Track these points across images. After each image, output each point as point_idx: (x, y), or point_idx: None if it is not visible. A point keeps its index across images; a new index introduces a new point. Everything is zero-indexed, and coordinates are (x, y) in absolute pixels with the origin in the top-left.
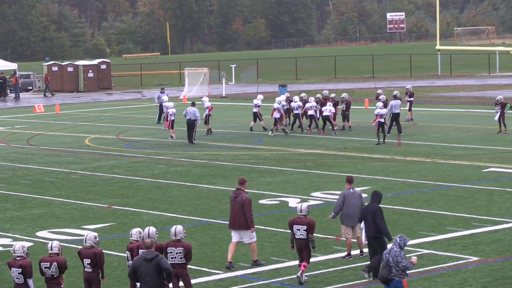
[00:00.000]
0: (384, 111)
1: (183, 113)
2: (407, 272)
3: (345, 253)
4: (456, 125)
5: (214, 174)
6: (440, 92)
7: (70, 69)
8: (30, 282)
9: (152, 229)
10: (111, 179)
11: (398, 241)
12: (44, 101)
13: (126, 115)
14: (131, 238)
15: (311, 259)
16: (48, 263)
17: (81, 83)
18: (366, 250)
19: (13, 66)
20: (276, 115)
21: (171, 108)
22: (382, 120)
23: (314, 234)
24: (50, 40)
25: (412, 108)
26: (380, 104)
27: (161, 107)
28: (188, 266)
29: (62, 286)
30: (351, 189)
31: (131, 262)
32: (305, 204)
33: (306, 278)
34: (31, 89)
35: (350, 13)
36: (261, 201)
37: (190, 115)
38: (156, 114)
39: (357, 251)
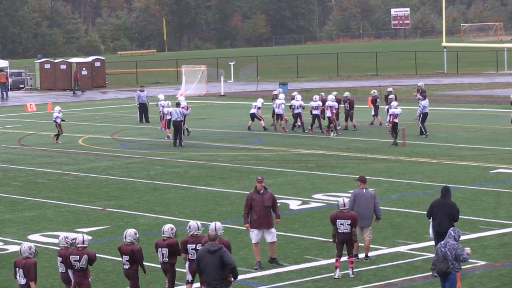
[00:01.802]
0: (398, 110)
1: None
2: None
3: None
4: (463, 125)
5: (212, 175)
6: (446, 90)
7: (63, 66)
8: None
9: (219, 224)
10: (106, 181)
11: (453, 233)
12: (36, 99)
13: (121, 114)
14: (163, 235)
15: (314, 263)
16: (78, 256)
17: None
18: (370, 254)
19: (4, 63)
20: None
21: (167, 107)
22: (396, 120)
23: (316, 238)
24: (43, 37)
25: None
26: (394, 103)
27: (141, 106)
28: (182, 270)
29: (89, 279)
30: (364, 189)
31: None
32: (346, 199)
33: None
34: (22, 87)
35: (353, 8)
36: None
37: (176, 116)
38: (136, 113)
39: (363, 254)
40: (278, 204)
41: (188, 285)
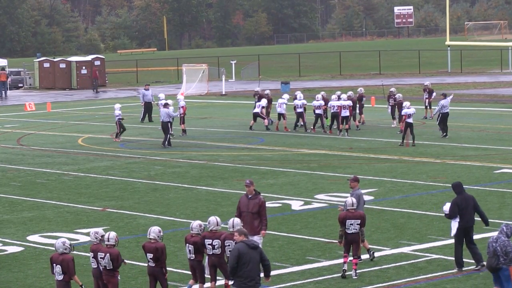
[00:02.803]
0: (412, 110)
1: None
2: None
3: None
4: (466, 124)
5: (213, 175)
6: (450, 89)
7: (62, 65)
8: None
9: (237, 220)
10: (106, 181)
11: (505, 229)
12: (35, 99)
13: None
14: (192, 232)
15: (316, 265)
16: (103, 254)
17: (74, 80)
18: (378, 253)
19: (3, 62)
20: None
21: (171, 106)
22: (410, 120)
23: (318, 239)
24: (42, 35)
25: (432, 106)
26: (407, 103)
27: (146, 105)
28: (182, 271)
29: (118, 278)
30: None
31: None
32: (353, 198)
33: (357, 275)
34: (21, 87)
35: (356, 7)
36: None
37: (163, 117)
38: (140, 113)
39: (364, 256)
40: (280, 205)
41: (192, 281)
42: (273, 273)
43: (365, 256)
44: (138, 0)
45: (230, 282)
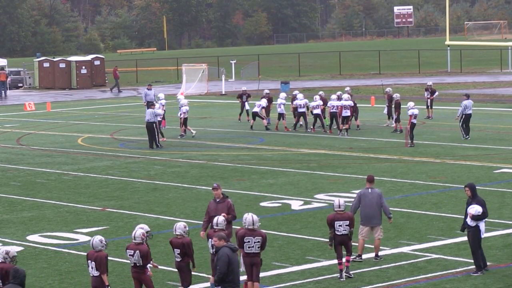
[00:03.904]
0: (416, 111)
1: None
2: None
3: (356, 255)
4: None
5: (213, 175)
6: (450, 89)
7: (62, 65)
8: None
9: (221, 218)
10: (105, 181)
11: None
12: (35, 98)
13: (121, 114)
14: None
15: (316, 264)
16: (132, 251)
17: (74, 80)
18: (373, 254)
19: (2, 62)
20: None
21: (185, 106)
22: (415, 121)
23: (318, 238)
24: (41, 35)
25: (433, 106)
26: (411, 103)
27: (148, 104)
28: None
29: (148, 274)
30: (369, 189)
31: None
32: (342, 199)
33: (352, 274)
34: (21, 86)
35: (355, 6)
36: (263, 204)
37: (148, 117)
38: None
39: (371, 255)
40: (280, 204)
41: (212, 278)
42: (273, 273)
43: (367, 255)
44: (138, 0)
45: None
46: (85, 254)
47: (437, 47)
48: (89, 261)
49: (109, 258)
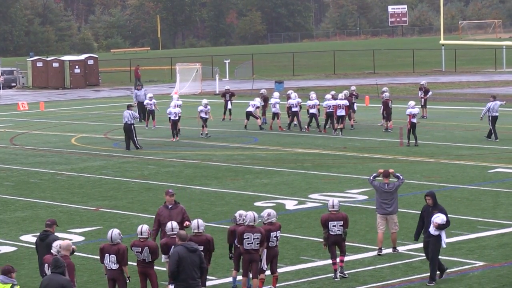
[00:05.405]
0: (416, 110)
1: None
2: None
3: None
4: (461, 124)
5: (207, 175)
6: (444, 88)
7: (55, 64)
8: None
9: (201, 222)
10: (99, 181)
11: None
12: (28, 98)
13: (115, 113)
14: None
15: (310, 264)
16: (140, 248)
17: (67, 80)
18: (369, 254)
19: None
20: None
21: (175, 107)
22: (415, 120)
23: (312, 238)
24: (35, 34)
25: (428, 106)
26: (412, 103)
27: (139, 105)
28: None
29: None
30: (386, 184)
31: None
32: (336, 199)
33: (346, 274)
34: (14, 86)
35: (349, 6)
36: (257, 203)
37: (126, 119)
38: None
39: (370, 254)
40: (274, 204)
41: (234, 272)
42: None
43: (366, 255)
44: None
45: (171, 287)
46: (81, 253)
47: (431, 46)
48: (106, 254)
49: None
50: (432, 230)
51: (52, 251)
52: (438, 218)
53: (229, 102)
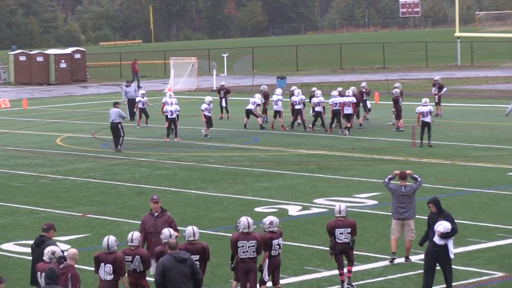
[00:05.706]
0: (427, 108)
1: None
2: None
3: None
4: (478, 123)
5: (203, 178)
6: (460, 85)
7: (39, 58)
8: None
9: (196, 229)
10: (86, 184)
11: None
12: (10, 95)
13: (103, 111)
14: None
15: (315, 275)
16: (131, 257)
17: (52, 75)
18: (379, 264)
19: None
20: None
21: (171, 105)
22: (429, 119)
23: (317, 247)
24: (17, 26)
25: (442, 103)
26: (425, 100)
27: (129, 102)
28: None
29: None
30: (403, 187)
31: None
32: (343, 204)
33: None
34: None
35: None
36: (257, 209)
37: (112, 117)
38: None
39: (378, 264)
40: (276, 210)
41: (234, 282)
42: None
43: (375, 265)
44: None
45: None
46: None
47: (446, 39)
48: (102, 264)
49: (91, 268)
50: (436, 239)
51: (44, 259)
52: (441, 226)
53: (223, 100)
